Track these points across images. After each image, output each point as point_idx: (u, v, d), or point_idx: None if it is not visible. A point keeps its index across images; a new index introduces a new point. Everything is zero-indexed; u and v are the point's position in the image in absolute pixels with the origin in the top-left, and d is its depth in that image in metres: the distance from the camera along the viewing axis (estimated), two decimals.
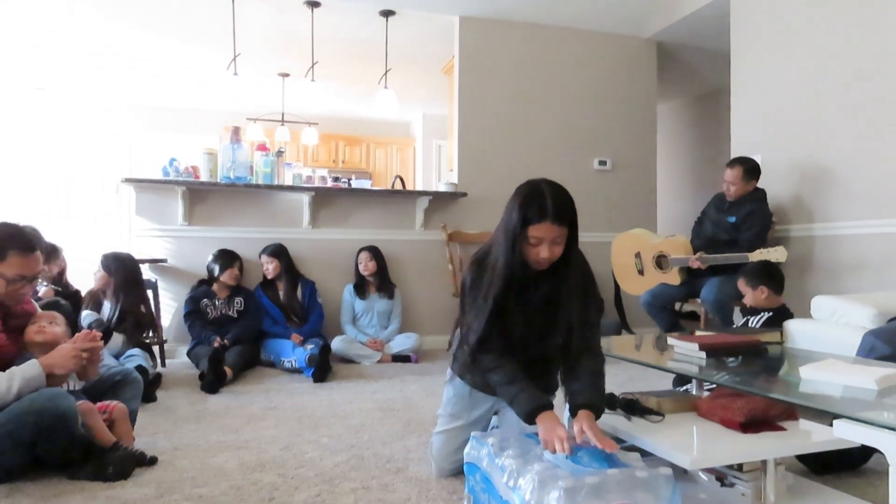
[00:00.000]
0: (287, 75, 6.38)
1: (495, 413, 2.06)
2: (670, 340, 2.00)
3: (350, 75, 6.45)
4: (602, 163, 5.19)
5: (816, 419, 1.65)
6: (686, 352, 1.90)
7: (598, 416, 1.66)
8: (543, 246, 1.71)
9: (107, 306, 3.51)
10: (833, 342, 2.44)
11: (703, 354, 1.83)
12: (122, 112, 7.74)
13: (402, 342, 4.26)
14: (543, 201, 1.69)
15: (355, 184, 5.54)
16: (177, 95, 7.38)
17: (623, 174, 5.27)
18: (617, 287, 4.29)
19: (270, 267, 4.21)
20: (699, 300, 3.66)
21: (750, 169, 3.69)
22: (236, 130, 4.39)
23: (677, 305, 4.00)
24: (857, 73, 3.44)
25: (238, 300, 4.06)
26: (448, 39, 5.13)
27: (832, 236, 3.62)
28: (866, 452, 1.99)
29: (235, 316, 4.02)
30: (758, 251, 3.25)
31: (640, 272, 3.96)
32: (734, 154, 4.14)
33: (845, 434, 1.18)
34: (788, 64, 3.90)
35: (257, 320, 4.07)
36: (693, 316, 3.97)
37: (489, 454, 1.62)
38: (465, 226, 4.86)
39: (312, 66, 5.10)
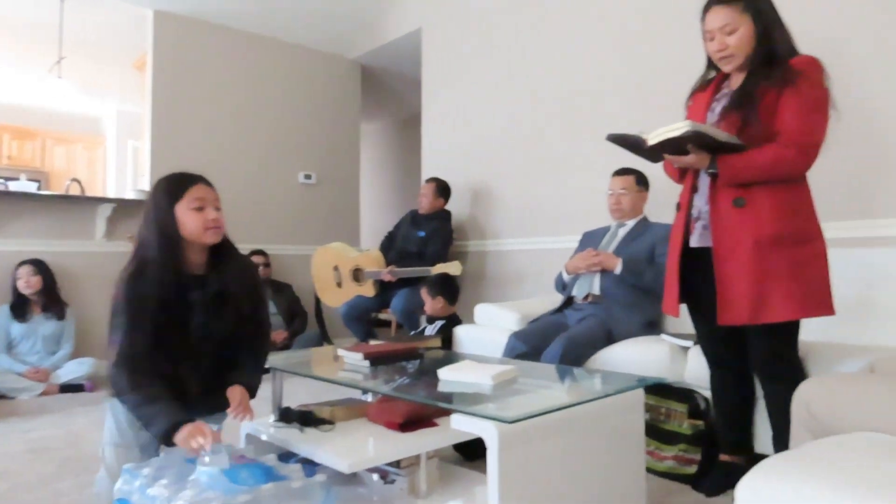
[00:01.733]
0: None
1: None
2: (340, 352, 2.11)
3: (23, 59, 5.49)
4: (307, 176, 5.25)
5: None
6: (354, 362, 2.01)
7: (252, 395, 1.78)
8: (209, 208, 1.72)
9: None
10: (491, 344, 2.82)
11: (367, 363, 1.96)
12: None
13: (73, 369, 3.73)
14: (185, 173, 1.76)
15: (16, 186, 4.70)
16: None
17: (328, 189, 5.40)
18: (318, 299, 4.36)
19: None
20: (391, 309, 3.91)
21: (441, 187, 4.15)
22: None
23: (373, 315, 4.23)
24: (517, 110, 4.06)
25: None
26: (142, 33, 4.69)
27: (501, 251, 4.19)
28: None
29: None
30: (438, 265, 3.61)
31: (339, 285, 4.09)
32: (424, 175, 4.56)
33: (460, 426, 1.37)
34: (467, 96, 4.43)
35: None
36: (387, 324, 4.23)
37: (141, 486, 1.50)
38: None
39: None
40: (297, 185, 5.22)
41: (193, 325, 1.73)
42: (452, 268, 3.53)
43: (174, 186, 1.72)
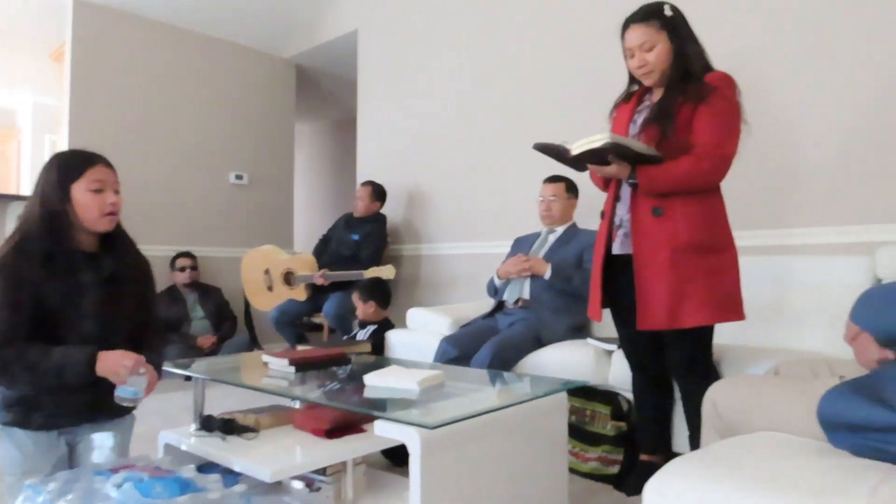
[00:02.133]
0: None
1: None
2: (265, 357, 2.06)
3: None
4: (239, 177, 5.11)
5: None
6: (279, 368, 1.97)
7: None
8: (109, 191, 1.59)
9: None
10: (422, 348, 2.82)
11: (293, 369, 1.93)
12: None
13: None
14: (86, 151, 1.63)
15: None
16: None
17: (260, 190, 5.28)
18: (247, 303, 4.25)
19: None
20: (323, 313, 3.86)
21: (377, 191, 4.13)
22: None
23: (305, 320, 4.16)
24: (452, 114, 4.09)
25: None
26: (61, 22, 4.46)
27: (435, 256, 4.20)
28: None
29: None
30: (372, 269, 3.57)
31: (270, 288, 4.00)
32: (360, 178, 4.52)
33: (383, 432, 1.36)
34: (403, 100, 4.42)
35: None
36: (319, 328, 4.17)
37: (45, 503, 1.42)
38: None
39: None
40: (228, 185, 5.08)
41: (84, 308, 1.58)
42: (386, 271, 3.51)
43: (73, 163, 1.59)
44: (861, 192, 2.47)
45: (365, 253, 3.94)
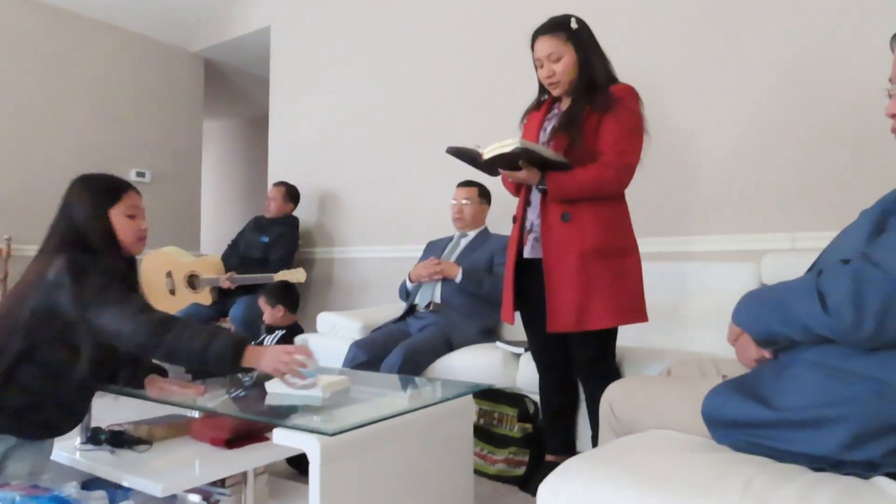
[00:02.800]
0: None
1: None
2: (167, 366, 1.95)
3: None
4: (140, 174, 4.84)
5: None
6: (176, 375, 1.87)
7: None
8: (140, 218, 1.72)
9: None
10: (332, 353, 2.76)
11: (190, 377, 1.83)
12: None
13: None
14: (116, 177, 1.75)
15: None
16: None
17: (164, 188, 5.02)
18: None
19: None
20: (229, 317, 3.71)
21: (290, 192, 4.02)
22: None
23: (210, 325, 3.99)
24: (366, 116, 4.04)
25: None
26: None
27: (348, 259, 4.14)
28: None
29: None
30: (281, 272, 3.47)
31: (172, 292, 3.81)
32: (271, 179, 4.40)
33: (282, 440, 1.32)
34: (316, 99, 4.34)
35: None
36: None
37: None
38: None
39: None
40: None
41: None
42: (296, 275, 3.42)
43: (111, 189, 1.69)
44: (749, 204, 2.64)
45: (275, 256, 3.83)
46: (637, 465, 0.96)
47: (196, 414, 2.10)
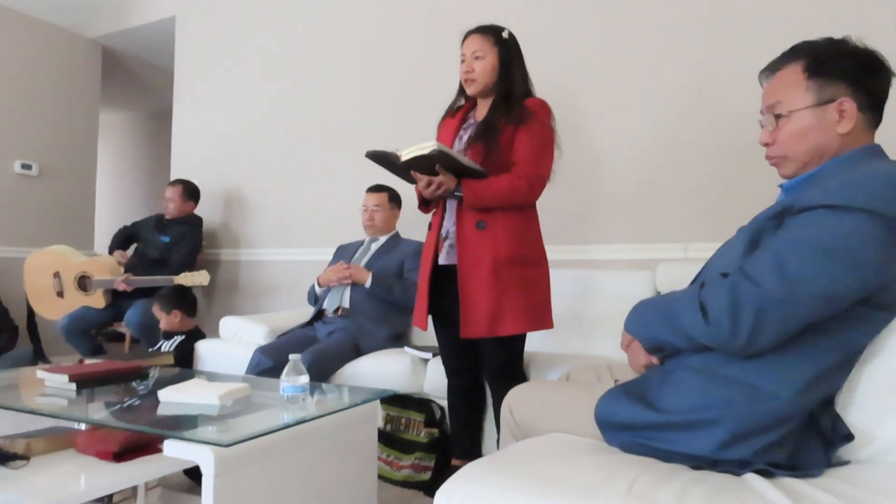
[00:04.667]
0: None
1: None
2: (40, 374, 1.82)
3: None
4: (26, 166, 4.48)
5: None
6: (57, 385, 1.75)
7: None
8: None
9: None
10: (236, 359, 2.66)
11: (74, 386, 1.72)
12: None
13: None
14: None
15: None
16: None
17: (54, 182, 4.67)
18: (31, 311, 3.74)
19: None
20: (124, 322, 3.51)
21: (189, 190, 3.84)
22: None
23: (106, 329, 3.75)
24: (275, 115, 3.94)
25: None
26: None
27: (255, 261, 4.01)
28: None
29: None
30: (183, 275, 3.32)
31: (60, 294, 3.55)
32: (173, 176, 4.19)
33: (174, 453, 1.26)
34: (223, 95, 4.19)
35: None
36: (121, 338, 3.78)
37: None
38: None
39: None
40: (12, 175, 4.42)
41: None
42: (199, 277, 3.28)
43: None
44: (647, 215, 2.79)
45: (176, 256, 3.65)
46: (530, 469, 0.99)
47: (82, 426, 1.97)
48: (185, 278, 3.29)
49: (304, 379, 1.57)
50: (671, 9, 2.77)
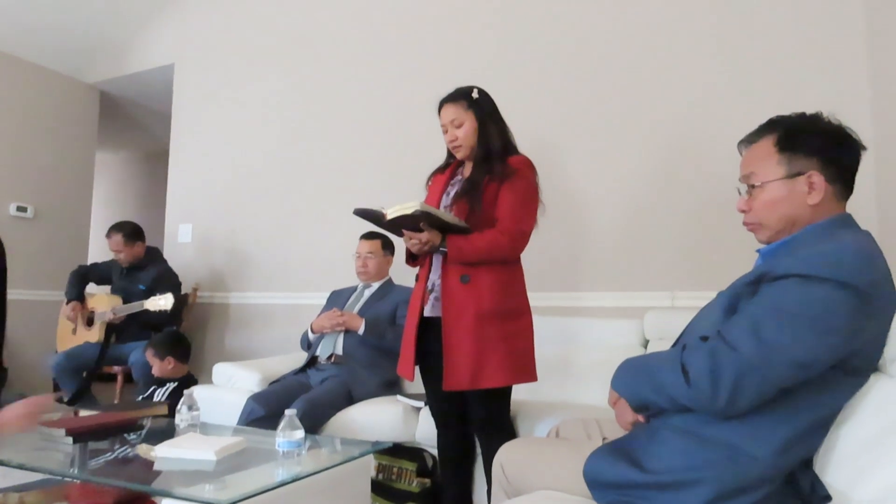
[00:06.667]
0: None
1: None
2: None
3: None
4: (21, 209, 4.51)
5: None
6: (53, 438, 1.75)
7: None
8: None
9: None
10: (229, 407, 2.65)
11: (70, 440, 1.73)
12: None
13: None
14: None
15: None
16: None
17: (49, 224, 4.70)
18: None
19: None
20: (129, 363, 3.43)
21: (130, 232, 3.66)
22: None
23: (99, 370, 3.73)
24: (270, 161, 4.01)
25: None
26: None
27: (247, 305, 4.03)
28: None
29: None
30: (150, 299, 3.32)
31: (74, 331, 3.61)
32: (170, 217, 4.25)
33: None
34: (220, 139, 4.26)
35: None
36: (111, 379, 3.70)
37: None
38: None
39: None
40: (8, 217, 4.45)
41: None
42: (163, 301, 3.29)
43: None
44: (634, 264, 2.85)
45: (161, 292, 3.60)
46: None
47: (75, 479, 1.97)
48: (152, 303, 3.31)
49: (300, 434, 1.59)
50: (654, 63, 2.89)
